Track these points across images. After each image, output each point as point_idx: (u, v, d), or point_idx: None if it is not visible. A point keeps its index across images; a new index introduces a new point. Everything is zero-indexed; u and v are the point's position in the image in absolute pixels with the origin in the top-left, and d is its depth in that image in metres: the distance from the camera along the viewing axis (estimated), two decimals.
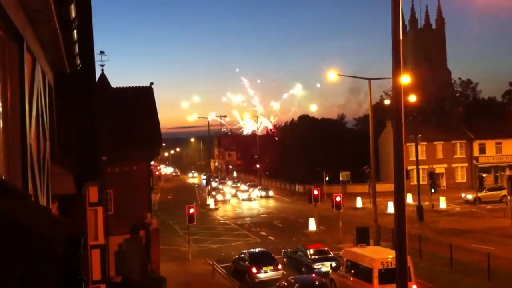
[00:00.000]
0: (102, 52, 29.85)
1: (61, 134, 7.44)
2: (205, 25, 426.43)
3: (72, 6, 5.20)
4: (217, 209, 64.68)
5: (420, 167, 53.14)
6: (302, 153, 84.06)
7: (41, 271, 2.15)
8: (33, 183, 4.70)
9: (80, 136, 8.62)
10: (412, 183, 57.37)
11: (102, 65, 30.20)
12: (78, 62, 7.07)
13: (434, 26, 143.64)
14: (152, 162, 73.49)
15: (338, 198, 39.12)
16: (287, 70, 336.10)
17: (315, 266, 29.44)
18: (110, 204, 25.77)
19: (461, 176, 74.93)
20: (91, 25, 8.26)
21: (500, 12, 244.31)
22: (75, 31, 5.85)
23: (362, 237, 32.61)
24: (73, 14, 5.41)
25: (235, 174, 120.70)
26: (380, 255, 23.58)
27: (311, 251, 30.91)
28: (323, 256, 30.39)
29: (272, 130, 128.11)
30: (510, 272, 26.45)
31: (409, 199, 54.36)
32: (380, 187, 45.81)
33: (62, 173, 7.36)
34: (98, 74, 29.10)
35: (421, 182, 51.63)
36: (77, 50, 6.57)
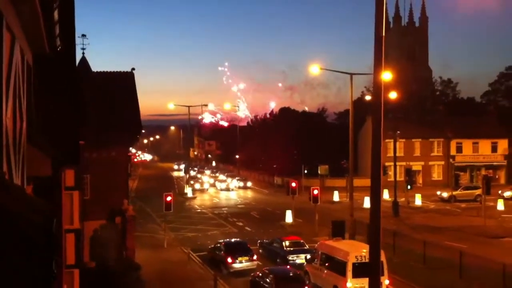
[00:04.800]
0: (83, 35, 29.46)
1: (40, 116, 7.37)
2: (190, 12, 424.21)
3: None
4: (194, 198, 64.61)
5: (397, 163, 53.63)
6: (282, 145, 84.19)
7: (11, 247, 2.13)
8: (8, 163, 4.64)
9: (59, 119, 8.53)
10: (389, 179, 57.90)
11: (83, 49, 29.82)
12: (59, 43, 6.99)
13: (417, 24, 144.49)
14: (132, 149, 73.00)
15: (315, 191, 39.33)
16: (272, 61, 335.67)
17: (290, 258, 29.61)
18: (86, 188, 25.58)
19: (437, 174, 75.84)
20: (73, 6, 8.16)
21: (482, 13, 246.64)
22: (56, 11, 5.78)
23: (338, 231, 32.87)
24: None
25: (214, 163, 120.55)
26: (355, 249, 23.81)
27: (287, 243, 31.07)
28: (298, 248, 30.57)
29: (252, 121, 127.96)
30: (482, 269, 26.85)
31: (386, 195, 54.85)
32: (357, 182, 46.19)
33: (38, 155, 7.28)
34: (79, 57, 28.77)
35: (398, 179, 52.13)
36: (57, 31, 6.49)
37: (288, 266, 27.63)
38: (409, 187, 53.16)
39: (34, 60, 6.70)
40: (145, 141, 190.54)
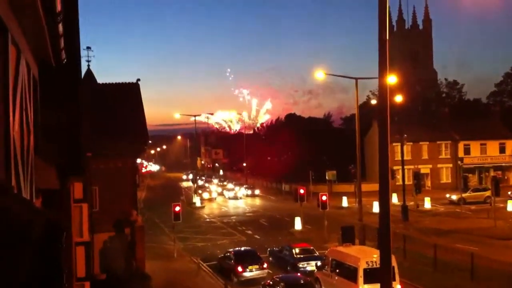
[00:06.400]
0: (88, 48, 29.69)
1: (46, 128, 7.39)
2: (195, 22, 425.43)
3: None
4: (203, 207, 64.57)
5: (405, 167, 53.40)
6: (289, 151, 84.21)
7: (18, 257, 2.13)
8: (16, 176, 4.65)
9: (64, 130, 8.56)
10: (397, 183, 57.67)
11: (88, 61, 30.02)
12: (64, 56, 7.02)
13: (421, 27, 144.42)
14: (139, 160, 72.86)
15: (324, 197, 39.22)
16: (276, 67, 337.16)
17: (300, 265, 29.49)
18: (95, 200, 25.62)
19: (446, 177, 75.48)
20: (77, 18, 8.21)
21: (486, 14, 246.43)
22: (60, 24, 5.80)
23: (347, 236, 32.71)
24: (59, 7, 5.37)
25: (221, 172, 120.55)
26: (365, 255, 23.68)
27: (297, 250, 30.96)
28: (308, 255, 30.45)
29: (259, 128, 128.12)
30: (493, 271, 26.69)
31: (394, 199, 54.70)
32: (365, 187, 46.00)
33: (46, 167, 7.30)
34: (84, 69, 28.91)
35: (406, 182, 51.90)
36: (62, 43, 6.52)
37: (299, 274, 27.52)
38: (417, 191, 52.93)
39: (39, 73, 6.73)
40: (152, 151, 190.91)
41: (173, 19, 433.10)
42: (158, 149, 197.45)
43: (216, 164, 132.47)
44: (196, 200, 66.68)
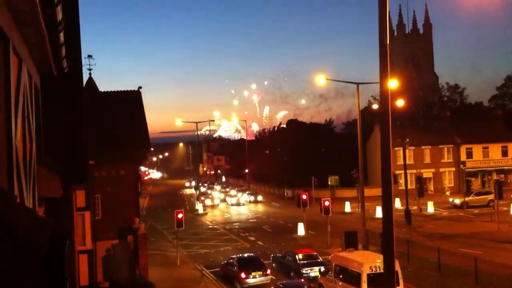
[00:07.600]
0: (90, 56, 29.72)
1: (48, 137, 7.40)
2: (196, 29, 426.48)
3: (59, 8, 5.17)
4: (205, 214, 64.51)
5: (407, 171, 53.31)
6: (291, 157, 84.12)
7: (21, 266, 2.13)
8: (19, 185, 4.65)
9: (67, 139, 8.57)
10: (400, 188, 57.60)
11: (89, 69, 30.06)
12: (65, 65, 7.04)
13: (421, 31, 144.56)
14: (141, 167, 72.98)
15: (326, 203, 39.16)
16: (278, 72, 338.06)
17: (303, 271, 29.43)
18: (97, 208, 25.63)
19: (448, 181, 75.35)
20: (78, 27, 8.23)
21: (486, 18, 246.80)
22: (62, 33, 5.82)
23: (351, 242, 32.65)
24: (60, 16, 5.39)
25: (224, 179, 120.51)
26: (369, 260, 23.63)
27: (300, 256, 30.91)
28: (311, 261, 30.39)
29: (261, 134, 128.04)
30: (497, 275, 26.56)
31: (397, 203, 54.61)
32: (368, 192, 45.98)
33: (48, 176, 7.30)
34: (85, 78, 28.95)
35: (409, 187, 51.81)
36: (64, 52, 6.53)
37: (302, 280, 27.46)
38: (419, 195, 52.84)
39: (41, 82, 6.75)
40: (154, 158, 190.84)
41: (176, 25, 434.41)
42: (160, 156, 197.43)
43: (219, 171, 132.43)
44: (199, 206, 66.63)
